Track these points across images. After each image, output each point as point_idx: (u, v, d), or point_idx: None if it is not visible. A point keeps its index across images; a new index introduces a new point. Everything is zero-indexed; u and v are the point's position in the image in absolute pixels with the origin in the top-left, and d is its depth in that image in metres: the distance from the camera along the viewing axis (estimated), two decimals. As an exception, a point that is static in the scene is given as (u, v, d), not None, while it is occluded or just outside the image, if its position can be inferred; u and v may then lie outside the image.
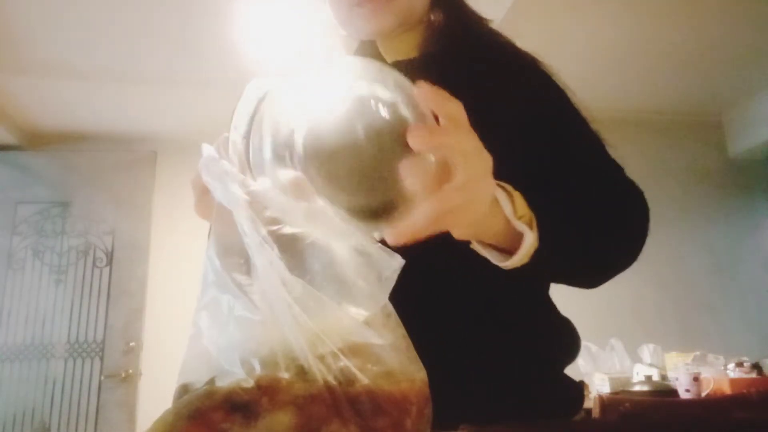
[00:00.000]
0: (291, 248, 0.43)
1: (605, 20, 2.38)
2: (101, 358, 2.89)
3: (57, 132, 3.25)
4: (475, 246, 0.52)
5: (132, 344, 2.89)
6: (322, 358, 0.39)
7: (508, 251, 0.51)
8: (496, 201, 0.48)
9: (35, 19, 2.26)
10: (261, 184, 0.45)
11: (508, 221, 0.49)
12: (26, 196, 3.05)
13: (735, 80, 3.01)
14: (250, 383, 0.38)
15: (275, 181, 0.45)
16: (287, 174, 0.47)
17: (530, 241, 0.50)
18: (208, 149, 0.48)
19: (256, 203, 0.43)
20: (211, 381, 0.40)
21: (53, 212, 3.07)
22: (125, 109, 3.05)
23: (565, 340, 0.68)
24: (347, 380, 0.38)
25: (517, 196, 0.50)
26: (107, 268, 3.03)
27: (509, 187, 0.50)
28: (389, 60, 0.75)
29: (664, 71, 2.84)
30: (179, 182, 3.18)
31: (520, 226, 0.49)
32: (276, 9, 2.23)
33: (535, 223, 0.51)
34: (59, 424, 2.79)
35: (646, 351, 2.55)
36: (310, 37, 2.41)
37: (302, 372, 0.38)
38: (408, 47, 0.73)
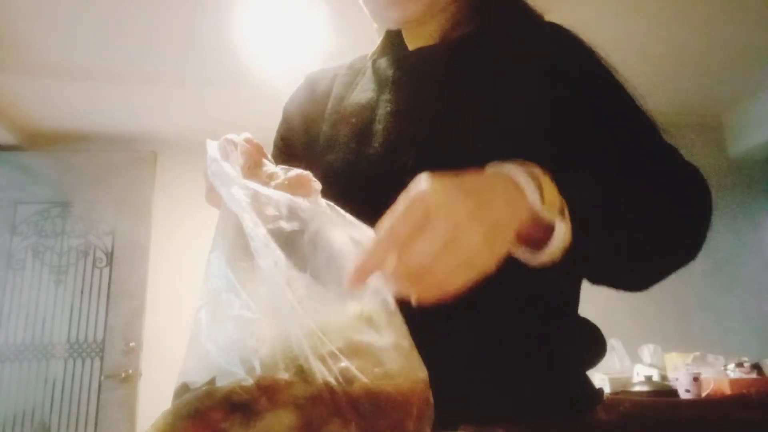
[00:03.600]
0: (291, 246, 0.43)
1: (604, 20, 2.38)
2: (101, 358, 2.89)
3: (57, 132, 3.24)
4: None
5: (132, 344, 2.89)
6: (323, 359, 0.39)
7: (539, 245, 0.47)
8: (518, 188, 0.45)
9: (35, 19, 2.26)
10: (262, 185, 0.45)
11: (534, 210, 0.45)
12: (26, 196, 3.05)
13: (735, 80, 3.01)
14: (249, 383, 0.38)
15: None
16: (292, 170, 0.48)
17: (561, 232, 0.45)
18: (212, 148, 0.48)
19: (257, 203, 0.44)
20: (211, 381, 0.40)
21: (53, 212, 3.07)
22: (125, 109, 3.05)
23: (582, 343, 0.65)
24: (348, 380, 0.38)
25: (546, 181, 0.46)
26: (107, 268, 3.02)
27: (537, 170, 0.47)
28: (411, 47, 0.75)
29: (664, 71, 2.84)
30: (179, 182, 3.19)
31: (549, 215, 0.45)
32: (276, 9, 2.23)
33: (566, 211, 0.46)
34: (59, 424, 2.78)
35: (646, 351, 2.55)
36: (310, 37, 2.41)
37: (302, 372, 0.38)
38: (431, 33, 0.72)
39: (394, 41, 0.78)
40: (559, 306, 0.65)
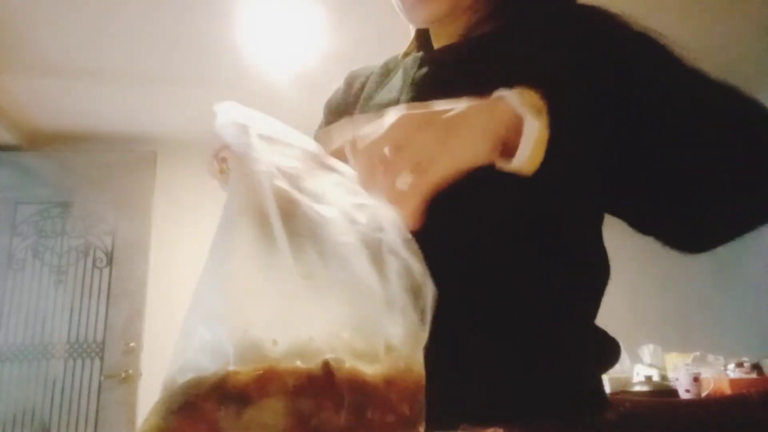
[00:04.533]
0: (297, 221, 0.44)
1: (605, 20, 2.38)
2: (101, 358, 2.89)
3: (57, 132, 3.24)
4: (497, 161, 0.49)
5: (132, 344, 2.89)
6: (320, 343, 0.39)
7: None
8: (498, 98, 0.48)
9: (35, 19, 2.26)
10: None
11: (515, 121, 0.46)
12: (26, 196, 3.05)
13: (735, 80, 3.00)
14: (242, 371, 0.38)
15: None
16: None
17: (533, 127, 0.46)
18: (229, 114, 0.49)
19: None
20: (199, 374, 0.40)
21: (53, 212, 3.07)
22: (125, 109, 3.05)
23: (591, 350, 0.64)
24: (338, 368, 0.39)
25: (528, 93, 0.48)
26: (107, 268, 3.02)
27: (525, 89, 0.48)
28: (436, 45, 0.75)
29: (664, 71, 2.84)
30: (179, 182, 3.20)
31: (522, 110, 0.46)
32: (276, 9, 2.23)
33: (546, 112, 0.47)
34: (59, 424, 2.78)
35: (646, 351, 2.55)
36: (310, 37, 2.41)
37: (296, 357, 0.39)
38: (455, 31, 0.72)
39: (422, 39, 0.79)
40: (569, 311, 0.63)
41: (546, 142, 0.46)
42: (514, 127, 0.46)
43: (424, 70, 0.72)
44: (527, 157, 0.46)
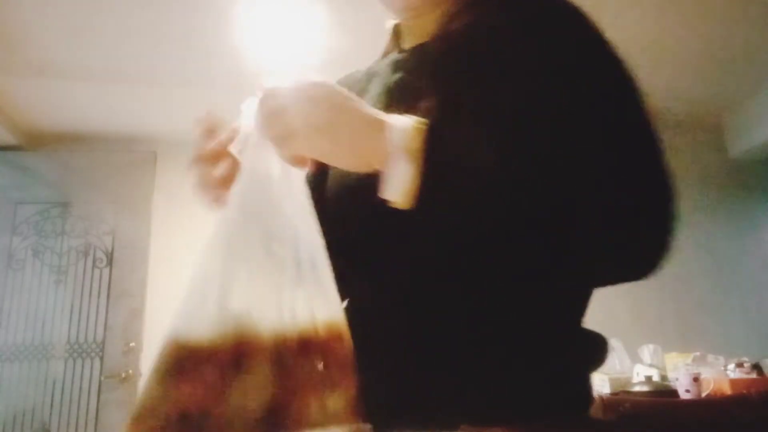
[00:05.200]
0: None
1: (604, 20, 2.38)
2: (101, 359, 2.89)
3: (57, 132, 3.24)
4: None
5: (132, 344, 2.89)
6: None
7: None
8: (380, 131, 0.49)
9: (35, 19, 2.26)
10: None
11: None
12: (26, 196, 3.05)
13: (735, 80, 3.01)
14: (229, 339, 0.42)
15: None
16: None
17: (401, 171, 0.47)
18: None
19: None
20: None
21: (53, 212, 3.06)
22: (125, 109, 3.05)
23: (577, 351, 0.64)
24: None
25: (415, 131, 0.49)
26: (107, 269, 3.02)
27: (417, 122, 0.49)
28: (407, 45, 0.74)
29: (664, 71, 2.84)
30: (179, 182, 3.19)
31: (395, 152, 0.48)
32: (276, 9, 2.23)
33: (421, 159, 0.47)
34: (59, 425, 2.78)
35: (646, 351, 2.55)
36: (310, 37, 2.41)
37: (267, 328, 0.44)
38: (426, 29, 0.71)
39: (399, 36, 0.77)
40: (557, 312, 0.63)
41: (413, 189, 0.47)
42: (388, 160, 0.48)
43: (397, 76, 0.70)
44: (395, 195, 0.48)
